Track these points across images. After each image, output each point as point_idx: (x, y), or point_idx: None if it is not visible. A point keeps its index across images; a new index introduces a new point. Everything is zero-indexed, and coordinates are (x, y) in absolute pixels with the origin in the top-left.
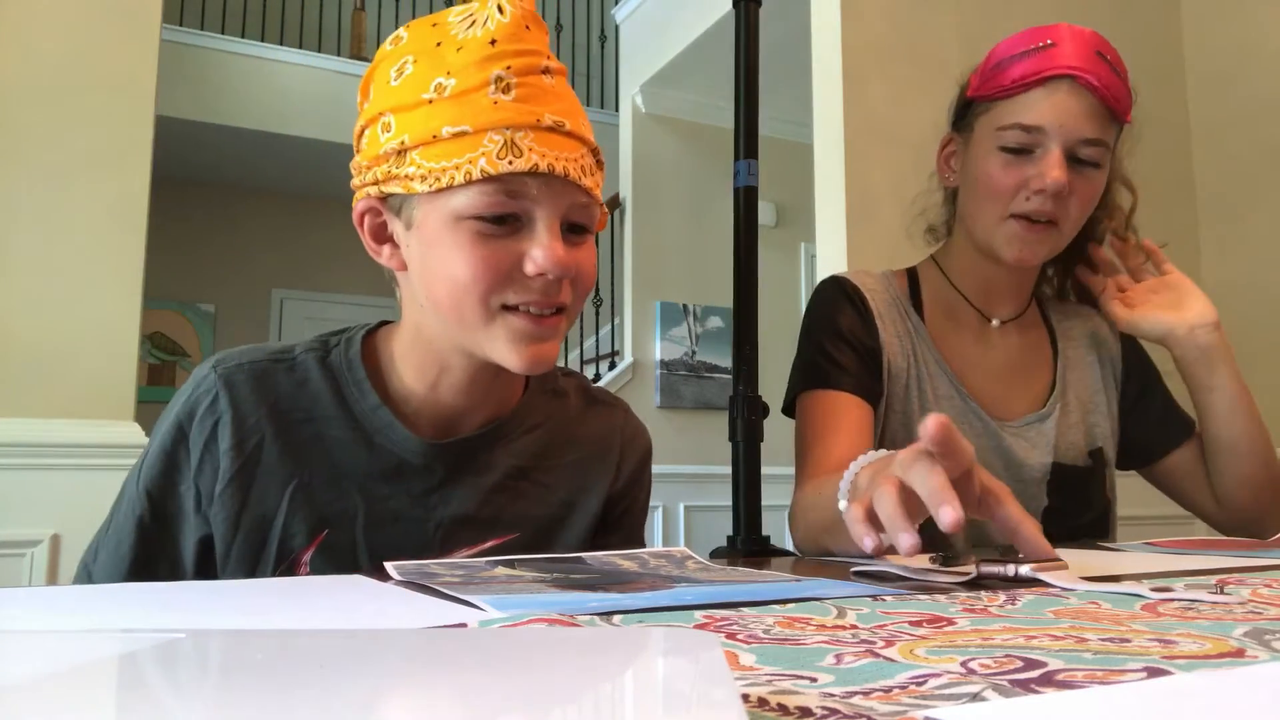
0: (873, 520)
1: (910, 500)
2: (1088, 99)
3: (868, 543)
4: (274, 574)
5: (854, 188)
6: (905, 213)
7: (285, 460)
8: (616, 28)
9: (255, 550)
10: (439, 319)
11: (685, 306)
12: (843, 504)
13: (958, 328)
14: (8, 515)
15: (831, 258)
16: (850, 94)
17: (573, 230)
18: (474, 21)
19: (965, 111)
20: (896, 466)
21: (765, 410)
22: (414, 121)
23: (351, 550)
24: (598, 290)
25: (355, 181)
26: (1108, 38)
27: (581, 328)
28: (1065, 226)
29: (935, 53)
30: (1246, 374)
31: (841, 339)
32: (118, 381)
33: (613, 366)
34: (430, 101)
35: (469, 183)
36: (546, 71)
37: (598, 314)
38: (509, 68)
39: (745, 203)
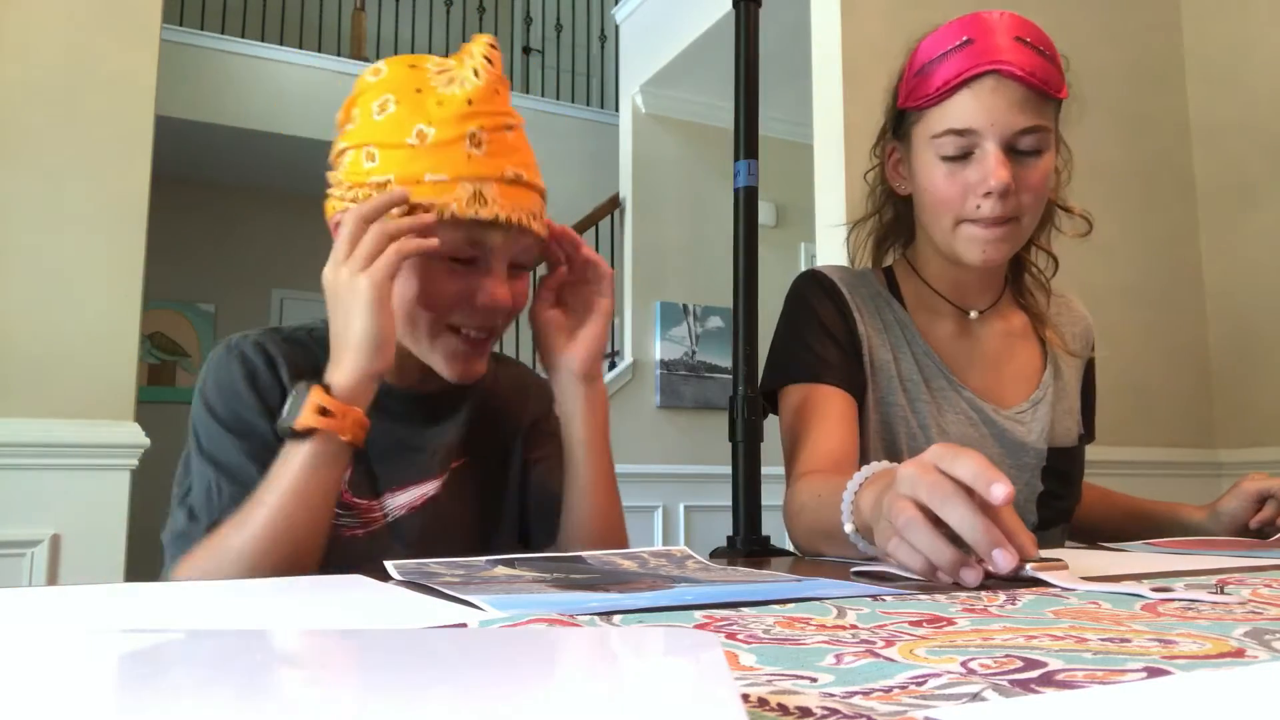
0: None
1: (933, 520)
2: (1015, 89)
3: (968, 576)
4: None
5: (854, 188)
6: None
7: None
8: (616, 28)
9: None
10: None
11: (685, 306)
12: (848, 527)
13: (940, 320)
14: (8, 515)
15: (831, 258)
16: (850, 94)
17: (515, 267)
18: (452, 80)
19: (900, 121)
20: (904, 486)
21: (765, 410)
22: (399, 161)
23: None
24: None
25: (335, 192)
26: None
27: None
28: (1025, 219)
29: None
30: (1247, 373)
31: (825, 332)
32: (118, 381)
33: (613, 366)
34: (413, 147)
35: (439, 221)
36: (509, 128)
37: None
38: (482, 126)
39: (745, 203)
